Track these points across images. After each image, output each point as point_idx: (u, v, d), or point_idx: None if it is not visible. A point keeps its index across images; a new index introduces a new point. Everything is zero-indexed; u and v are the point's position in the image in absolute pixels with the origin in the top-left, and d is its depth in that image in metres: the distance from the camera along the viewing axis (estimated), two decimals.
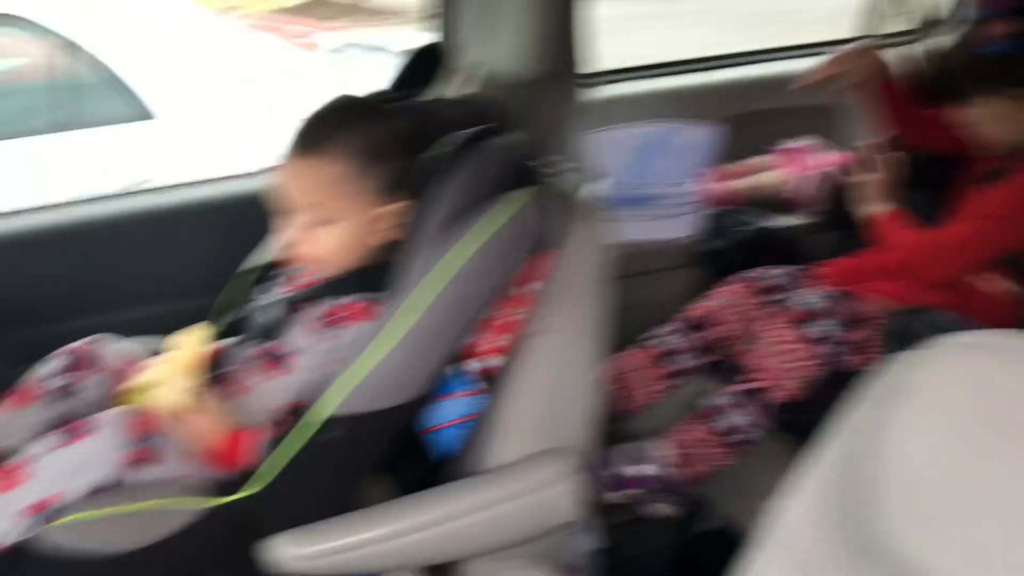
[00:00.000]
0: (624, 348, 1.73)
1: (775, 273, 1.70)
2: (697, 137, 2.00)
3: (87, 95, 3.57)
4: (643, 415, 1.76)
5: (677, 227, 2.00)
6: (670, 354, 1.70)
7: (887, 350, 1.47)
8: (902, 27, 2.28)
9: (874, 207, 1.68)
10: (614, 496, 1.67)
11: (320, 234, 1.25)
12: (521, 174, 1.28)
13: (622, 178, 1.99)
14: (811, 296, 1.54)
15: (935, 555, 0.62)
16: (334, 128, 1.25)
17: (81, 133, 3.47)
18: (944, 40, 2.00)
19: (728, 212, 1.94)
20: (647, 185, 1.99)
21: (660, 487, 1.63)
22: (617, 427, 1.82)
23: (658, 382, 1.71)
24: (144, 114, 3.50)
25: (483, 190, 1.23)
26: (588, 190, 1.39)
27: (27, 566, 1.10)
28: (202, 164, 3.11)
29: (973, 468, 0.61)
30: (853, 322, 1.53)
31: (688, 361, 1.70)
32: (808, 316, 1.51)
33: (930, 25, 2.36)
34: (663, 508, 1.66)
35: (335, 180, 1.23)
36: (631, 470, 1.64)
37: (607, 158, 1.99)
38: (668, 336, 1.71)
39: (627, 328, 1.94)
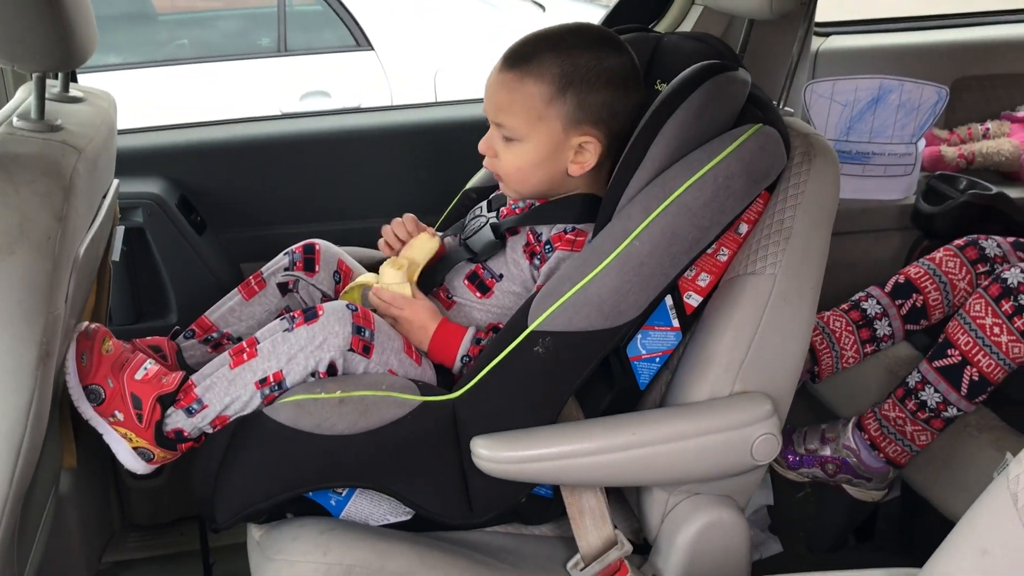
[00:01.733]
0: (828, 309, 1.68)
1: (989, 243, 1.60)
2: (924, 96, 1.90)
3: (313, 22, 3.75)
4: (840, 378, 1.71)
5: (894, 188, 1.91)
6: (873, 319, 1.64)
7: None
8: None
9: None
10: (797, 474, 1.64)
11: (507, 150, 1.29)
12: (751, 110, 1.26)
13: (840, 132, 1.92)
14: (1015, 270, 1.43)
15: None
16: (543, 48, 1.26)
17: (306, 58, 3.65)
18: None
19: (948, 176, 1.83)
20: (866, 141, 1.91)
21: (850, 471, 1.59)
22: (806, 389, 1.79)
23: (857, 346, 1.65)
24: (365, 43, 3.65)
25: (712, 122, 1.22)
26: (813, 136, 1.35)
27: (249, 436, 1.20)
28: (416, 93, 3.22)
29: None
30: None
31: (889, 328, 1.63)
32: (1011, 291, 1.41)
33: None
34: (853, 491, 1.62)
35: (528, 98, 1.25)
36: (822, 451, 1.60)
37: (828, 109, 1.92)
38: (872, 300, 1.65)
39: (832, 287, 1.89)
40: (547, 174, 1.29)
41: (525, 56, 1.26)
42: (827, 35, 2.16)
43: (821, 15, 1.70)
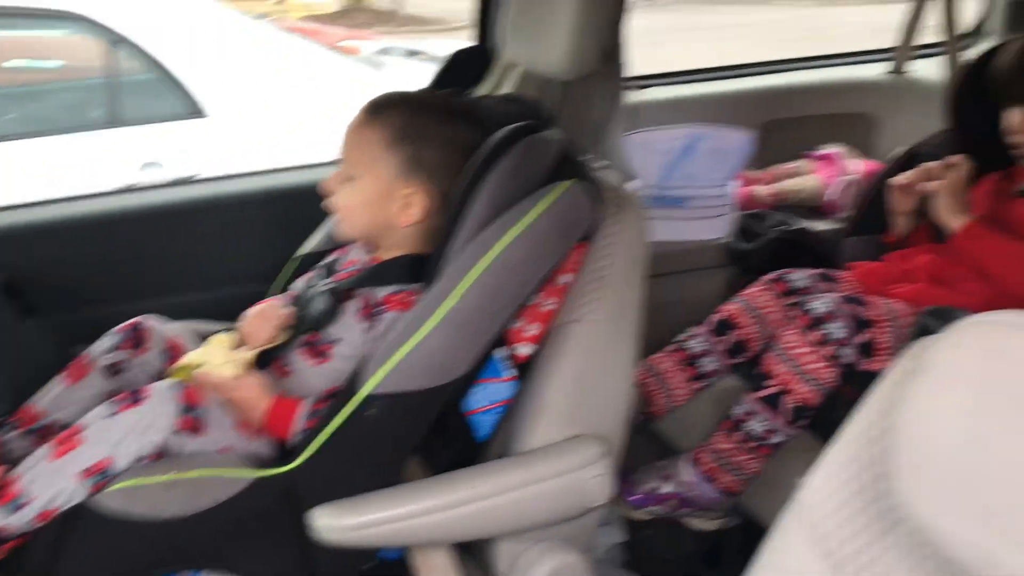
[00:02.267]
0: (656, 349, 1.77)
1: (796, 276, 1.72)
2: (732, 141, 2.03)
3: (141, 92, 3.68)
4: (671, 417, 1.79)
5: (711, 228, 2.03)
6: (697, 357, 1.73)
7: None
8: (936, 39, 2.30)
9: (950, 218, 1.68)
10: (643, 512, 1.70)
11: (343, 187, 1.37)
12: (563, 167, 1.33)
13: (658, 179, 2.03)
14: (822, 301, 1.55)
15: (953, 522, 0.65)
16: (397, 102, 1.37)
17: (135, 129, 3.57)
18: (975, 50, 2.02)
19: (760, 214, 1.96)
20: (682, 186, 2.02)
21: (690, 504, 1.66)
22: (647, 429, 1.86)
23: (686, 384, 1.74)
24: (196, 112, 3.60)
25: (526, 181, 1.28)
26: (627, 187, 1.43)
27: (78, 529, 1.16)
28: (252, 160, 3.19)
29: (993, 438, 0.63)
30: (863, 324, 1.53)
31: (714, 364, 1.73)
32: (818, 320, 1.53)
33: (963, 36, 2.38)
34: (696, 523, 1.69)
35: (370, 140, 1.34)
36: (662, 488, 1.67)
37: (644, 159, 2.03)
38: (695, 339, 1.75)
39: (660, 327, 1.98)
40: (375, 217, 1.35)
41: (380, 105, 1.36)
42: (646, 87, 2.29)
43: (644, 68, 1.80)
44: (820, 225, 2.10)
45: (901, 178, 1.78)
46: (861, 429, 0.74)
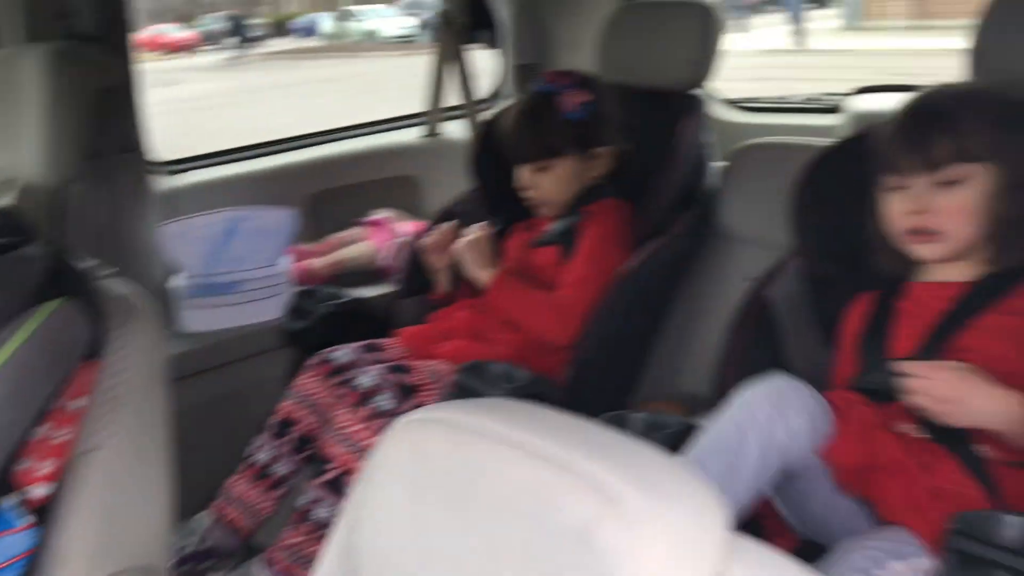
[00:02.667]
0: (229, 442, 1.69)
1: (339, 354, 1.74)
2: (275, 218, 2.02)
3: None
4: (262, 533, 1.72)
5: (265, 310, 1.99)
6: (268, 465, 1.69)
7: None
8: (461, 101, 2.47)
9: (478, 272, 1.77)
10: None
11: None
12: (54, 283, 1.21)
13: (203, 267, 1.95)
14: (367, 375, 1.58)
15: None
16: None
17: None
18: (493, 112, 2.19)
19: (311, 291, 1.96)
20: (230, 271, 1.97)
21: None
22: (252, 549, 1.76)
23: (265, 496, 1.68)
24: None
25: (6, 305, 1.14)
26: (166, 283, 1.34)
27: None
28: None
29: (431, 541, 0.65)
30: (409, 391, 1.59)
31: (287, 467, 1.69)
32: (365, 395, 1.56)
33: (483, 100, 2.60)
34: None
35: None
36: None
37: (186, 248, 1.95)
38: (261, 449, 1.70)
39: (230, 417, 1.90)
40: None
41: None
42: (183, 171, 2.20)
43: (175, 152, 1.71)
44: (376, 291, 2.15)
45: (427, 239, 1.87)
46: (347, 522, 0.74)
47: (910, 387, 1.13)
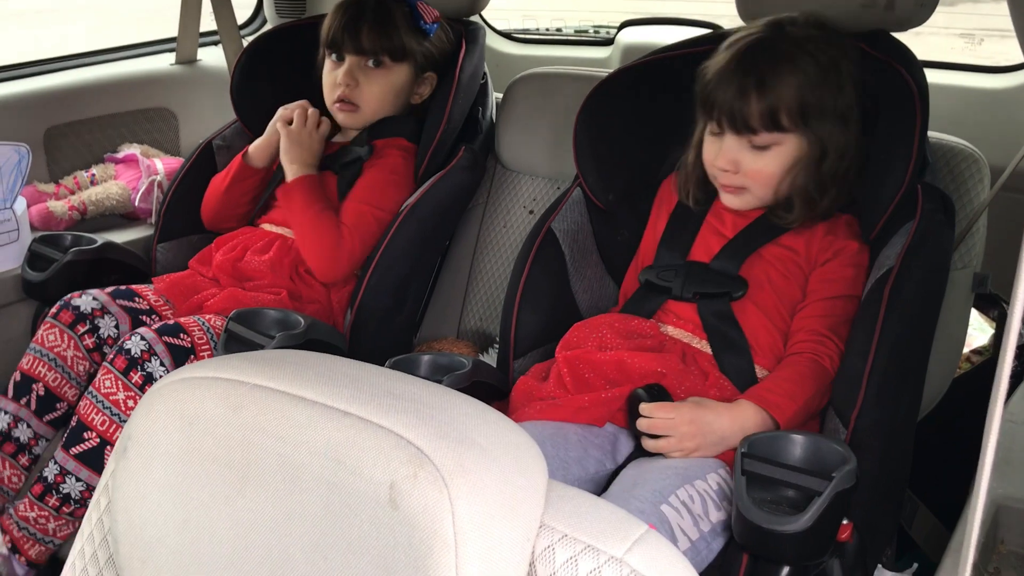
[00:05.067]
0: None
1: (80, 302, 1.54)
2: (7, 154, 1.76)
3: None
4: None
5: (3, 258, 1.75)
6: (8, 432, 1.47)
7: None
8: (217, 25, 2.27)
9: (289, 162, 1.66)
10: None
11: None
12: None
13: None
14: (136, 340, 1.42)
15: None
16: None
17: None
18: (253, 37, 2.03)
19: (54, 235, 1.73)
20: None
21: None
22: None
23: (15, 467, 1.47)
24: None
25: None
26: None
27: None
28: None
29: (206, 521, 0.56)
30: (186, 353, 1.44)
31: (29, 431, 1.48)
32: (135, 361, 1.40)
33: (245, 25, 2.40)
34: None
35: None
36: None
37: None
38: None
39: None
40: None
41: None
42: None
43: None
44: (128, 236, 1.95)
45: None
46: (89, 529, 0.63)
47: (653, 426, 1.16)
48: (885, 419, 1.13)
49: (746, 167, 1.27)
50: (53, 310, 1.54)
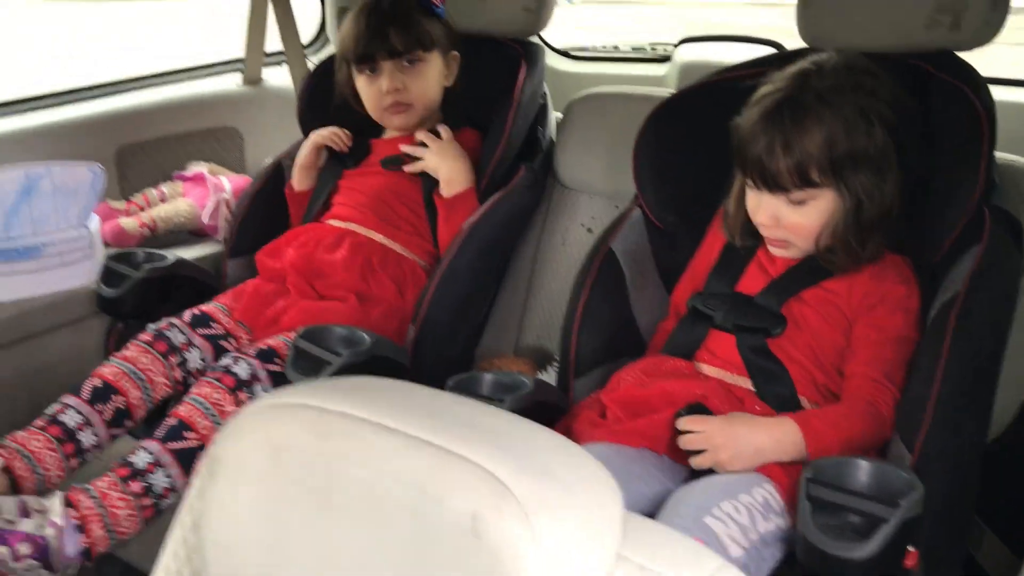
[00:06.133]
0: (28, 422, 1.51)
1: (169, 334, 1.60)
2: (79, 175, 1.82)
3: None
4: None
5: (74, 276, 1.81)
6: (74, 431, 1.51)
7: (292, 378, 1.45)
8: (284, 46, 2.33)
9: (456, 181, 1.73)
10: None
11: None
12: None
13: (1, 229, 1.74)
14: (242, 364, 1.49)
15: None
16: None
17: None
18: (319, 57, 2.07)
19: (128, 252, 1.79)
20: (30, 235, 1.76)
21: (45, 556, 1.35)
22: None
23: (62, 463, 1.50)
24: None
25: None
26: None
27: None
28: None
29: (292, 544, 0.58)
30: (277, 381, 1.50)
31: (93, 437, 1.52)
32: (241, 384, 1.47)
33: (306, 46, 2.46)
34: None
35: None
36: (23, 525, 1.34)
37: None
38: (69, 412, 1.51)
39: (36, 395, 1.72)
40: None
41: None
42: None
43: None
44: (198, 252, 2.00)
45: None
46: (174, 547, 0.65)
47: (690, 442, 1.20)
48: (951, 445, 1.13)
49: (785, 221, 1.29)
50: (146, 337, 1.59)
